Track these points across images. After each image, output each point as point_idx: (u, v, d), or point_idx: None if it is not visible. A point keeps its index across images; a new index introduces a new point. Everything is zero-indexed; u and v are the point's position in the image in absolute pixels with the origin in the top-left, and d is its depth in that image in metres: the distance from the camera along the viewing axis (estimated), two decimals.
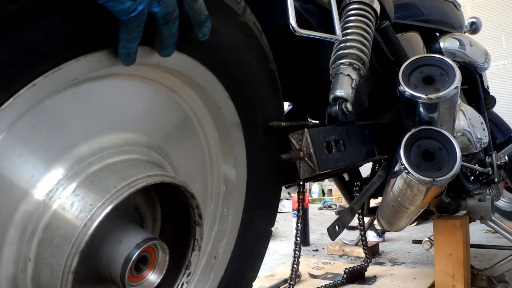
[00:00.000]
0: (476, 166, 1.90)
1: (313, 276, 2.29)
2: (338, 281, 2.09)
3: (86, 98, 0.74)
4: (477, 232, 3.17)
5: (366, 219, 2.48)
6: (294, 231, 1.29)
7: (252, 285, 1.19)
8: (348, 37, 1.19)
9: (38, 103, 0.65)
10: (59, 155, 0.70)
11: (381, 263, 2.58)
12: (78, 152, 0.72)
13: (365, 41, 1.19)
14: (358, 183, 1.88)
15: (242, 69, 0.96)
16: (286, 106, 1.56)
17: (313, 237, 3.43)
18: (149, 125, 0.85)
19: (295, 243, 1.28)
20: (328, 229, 1.17)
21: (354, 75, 1.14)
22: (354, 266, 2.20)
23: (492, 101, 2.39)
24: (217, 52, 0.88)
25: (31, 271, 0.68)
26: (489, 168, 1.94)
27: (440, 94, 1.24)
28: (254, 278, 1.18)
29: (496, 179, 1.95)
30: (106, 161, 0.75)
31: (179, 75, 0.86)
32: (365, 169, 1.96)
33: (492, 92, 2.46)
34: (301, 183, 1.21)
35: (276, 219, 1.22)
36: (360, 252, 2.69)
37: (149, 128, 0.85)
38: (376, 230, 2.99)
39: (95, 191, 0.70)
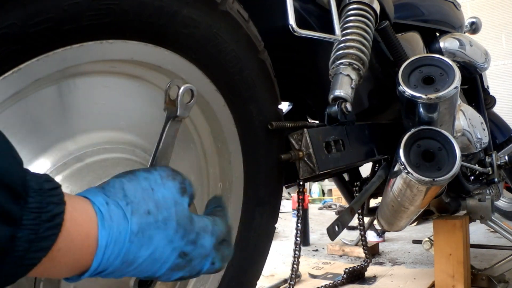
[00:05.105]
0: (476, 166, 1.90)
1: (313, 276, 2.29)
2: (338, 281, 2.09)
3: (60, 97, 0.71)
4: (477, 232, 3.17)
5: (366, 219, 2.48)
6: (294, 231, 1.29)
7: (256, 284, 1.17)
8: (348, 37, 1.19)
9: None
10: (34, 156, 0.68)
11: (381, 263, 2.58)
12: (54, 153, 0.70)
13: (365, 41, 1.19)
14: (358, 183, 1.88)
15: (229, 61, 0.93)
16: (286, 106, 1.56)
17: (313, 237, 3.43)
18: (132, 123, 0.83)
19: (295, 243, 1.28)
20: (328, 229, 1.16)
21: (353, 75, 1.14)
22: (354, 266, 2.20)
23: (492, 101, 2.39)
24: (198, 45, 0.85)
25: None
26: (489, 168, 1.94)
27: (440, 94, 1.24)
28: (258, 277, 1.16)
29: (496, 179, 1.95)
30: (84, 161, 0.72)
31: (159, 70, 0.83)
32: (365, 169, 1.96)
33: (492, 92, 2.46)
34: (301, 183, 1.21)
35: None
36: (360, 252, 2.68)
37: (132, 125, 0.83)
38: (376, 230, 2.99)
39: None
